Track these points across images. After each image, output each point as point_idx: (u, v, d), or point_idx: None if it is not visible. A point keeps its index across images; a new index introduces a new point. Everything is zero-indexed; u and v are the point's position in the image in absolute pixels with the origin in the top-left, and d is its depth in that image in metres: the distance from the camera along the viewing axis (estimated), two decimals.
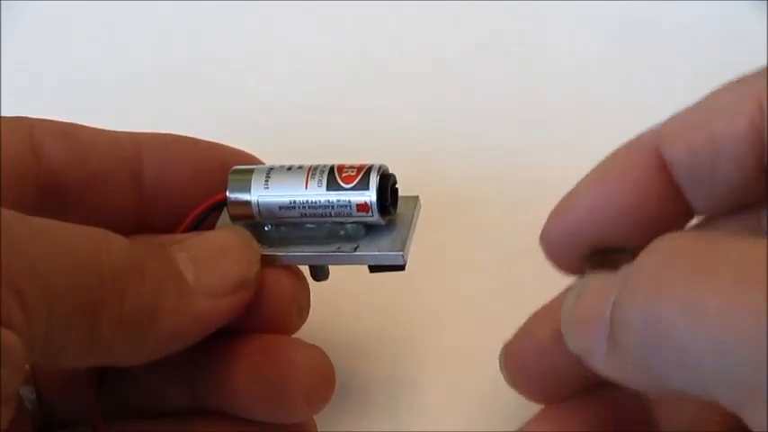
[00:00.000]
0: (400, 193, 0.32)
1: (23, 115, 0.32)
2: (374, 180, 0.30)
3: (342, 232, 0.31)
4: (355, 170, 0.30)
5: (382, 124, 0.44)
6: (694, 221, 0.30)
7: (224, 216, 0.32)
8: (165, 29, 0.49)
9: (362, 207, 0.30)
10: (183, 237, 0.30)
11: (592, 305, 0.26)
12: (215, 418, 0.32)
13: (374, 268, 0.31)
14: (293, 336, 0.32)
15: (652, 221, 0.28)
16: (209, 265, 0.29)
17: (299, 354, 0.31)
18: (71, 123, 0.32)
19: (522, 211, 0.40)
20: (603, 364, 0.26)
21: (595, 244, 0.28)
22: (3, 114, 0.32)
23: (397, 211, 0.31)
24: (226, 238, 0.31)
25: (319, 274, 0.32)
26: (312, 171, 0.31)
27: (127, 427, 0.32)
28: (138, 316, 0.27)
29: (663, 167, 0.28)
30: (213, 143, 0.34)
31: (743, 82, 0.27)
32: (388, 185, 0.31)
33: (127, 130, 0.33)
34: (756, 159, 0.27)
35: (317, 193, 0.30)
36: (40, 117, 0.32)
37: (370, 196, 0.30)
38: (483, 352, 0.36)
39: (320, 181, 0.31)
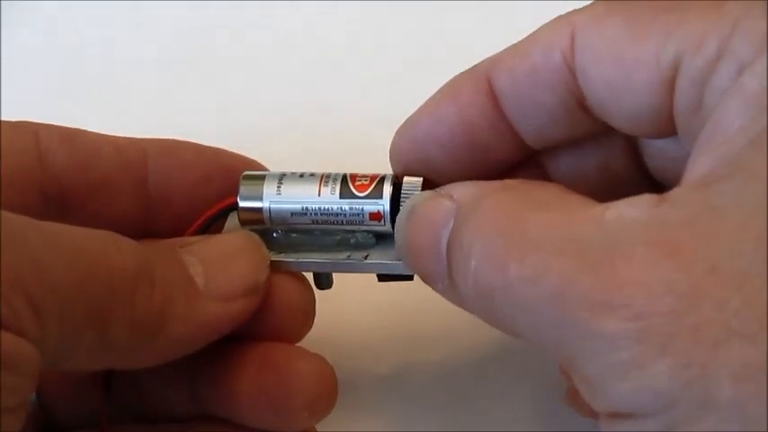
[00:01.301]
0: None
1: (26, 119, 0.32)
2: (387, 190, 0.30)
3: (352, 240, 0.31)
4: (368, 179, 0.31)
5: (382, 125, 0.44)
6: None
7: (231, 220, 0.32)
8: (165, 30, 0.48)
9: (375, 216, 0.30)
10: (192, 240, 0.30)
11: (425, 232, 0.27)
12: (217, 424, 0.32)
13: (383, 277, 0.31)
14: (298, 343, 0.32)
15: (483, 148, 0.29)
16: (219, 269, 0.29)
17: (301, 363, 0.31)
18: (76, 129, 0.32)
19: None
20: (443, 294, 0.28)
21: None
22: (3, 114, 0.32)
23: None
24: (235, 241, 0.30)
25: (323, 282, 0.32)
26: (325, 179, 0.31)
27: (130, 430, 0.32)
28: (147, 321, 0.27)
29: (492, 95, 0.29)
30: (217, 149, 0.34)
31: (565, 16, 0.28)
32: (400, 196, 0.31)
33: (127, 130, 0.33)
34: (571, 92, 0.28)
35: (331, 201, 0.31)
36: (44, 122, 0.32)
37: (383, 205, 0.30)
38: (486, 356, 0.36)
39: (333, 189, 0.31)
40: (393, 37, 0.47)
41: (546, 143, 0.30)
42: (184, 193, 0.33)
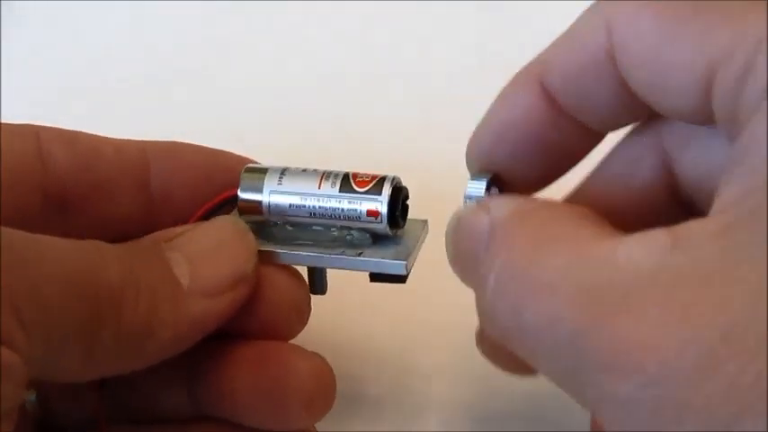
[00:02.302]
0: (410, 216, 0.32)
1: (26, 119, 0.32)
2: (387, 188, 0.31)
3: (348, 237, 0.31)
4: (369, 177, 0.31)
5: (386, 126, 0.44)
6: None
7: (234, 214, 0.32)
8: (165, 31, 0.49)
9: (372, 213, 0.30)
10: (178, 231, 0.30)
11: (465, 247, 0.28)
12: (215, 425, 0.31)
13: (375, 277, 0.31)
14: (293, 340, 0.32)
15: (552, 145, 0.30)
16: (204, 263, 0.29)
17: (299, 361, 0.31)
18: (77, 131, 0.32)
19: None
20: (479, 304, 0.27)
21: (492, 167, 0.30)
22: (3, 114, 0.32)
23: (405, 230, 0.32)
24: (220, 232, 0.30)
25: (317, 285, 0.32)
26: (326, 174, 0.31)
27: None
28: (134, 332, 0.27)
29: (547, 95, 0.29)
30: (218, 150, 0.34)
31: (598, 8, 0.28)
32: (399, 197, 0.31)
33: (126, 130, 0.34)
34: (620, 82, 0.28)
35: (329, 194, 0.31)
36: (45, 125, 0.32)
37: (381, 202, 0.30)
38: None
39: (334, 183, 0.31)
40: (393, 40, 0.48)
41: (609, 126, 0.30)
42: (186, 194, 0.33)
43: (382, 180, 0.31)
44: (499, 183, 0.30)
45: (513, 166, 0.30)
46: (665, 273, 0.22)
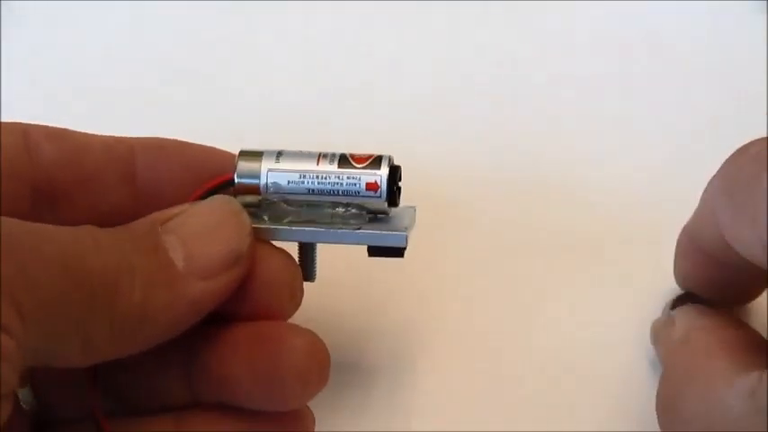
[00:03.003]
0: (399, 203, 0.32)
1: (25, 119, 0.32)
2: (385, 164, 0.31)
3: (346, 214, 0.31)
4: (366, 156, 0.31)
5: (383, 130, 0.44)
6: None
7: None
8: (164, 31, 0.49)
9: (371, 186, 0.31)
10: (174, 212, 0.30)
11: (662, 346, 0.35)
12: (213, 410, 0.31)
13: (374, 251, 0.31)
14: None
15: (722, 278, 0.34)
16: (199, 244, 0.29)
17: (293, 338, 0.31)
18: (65, 128, 0.33)
19: (520, 208, 0.40)
20: None
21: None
22: (3, 114, 0.32)
23: (396, 213, 0.32)
24: (215, 212, 0.30)
25: (307, 271, 0.33)
26: (323, 154, 0.31)
27: (126, 423, 0.32)
28: (130, 316, 0.27)
29: (698, 246, 0.34)
30: (205, 146, 0.34)
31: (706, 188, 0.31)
32: (396, 174, 0.31)
33: (126, 131, 0.34)
34: None
35: (328, 169, 0.31)
36: (35, 122, 0.32)
37: (380, 175, 0.31)
38: (482, 350, 0.37)
39: (332, 160, 0.31)
40: (394, 40, 0.48)
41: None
42: (173, 188, 0.33)
43: (379, 158, 0.31)
44: (698, 298, 0.35)
45: (705, 293, 0.35)
46: (748, 419, 0.26)
